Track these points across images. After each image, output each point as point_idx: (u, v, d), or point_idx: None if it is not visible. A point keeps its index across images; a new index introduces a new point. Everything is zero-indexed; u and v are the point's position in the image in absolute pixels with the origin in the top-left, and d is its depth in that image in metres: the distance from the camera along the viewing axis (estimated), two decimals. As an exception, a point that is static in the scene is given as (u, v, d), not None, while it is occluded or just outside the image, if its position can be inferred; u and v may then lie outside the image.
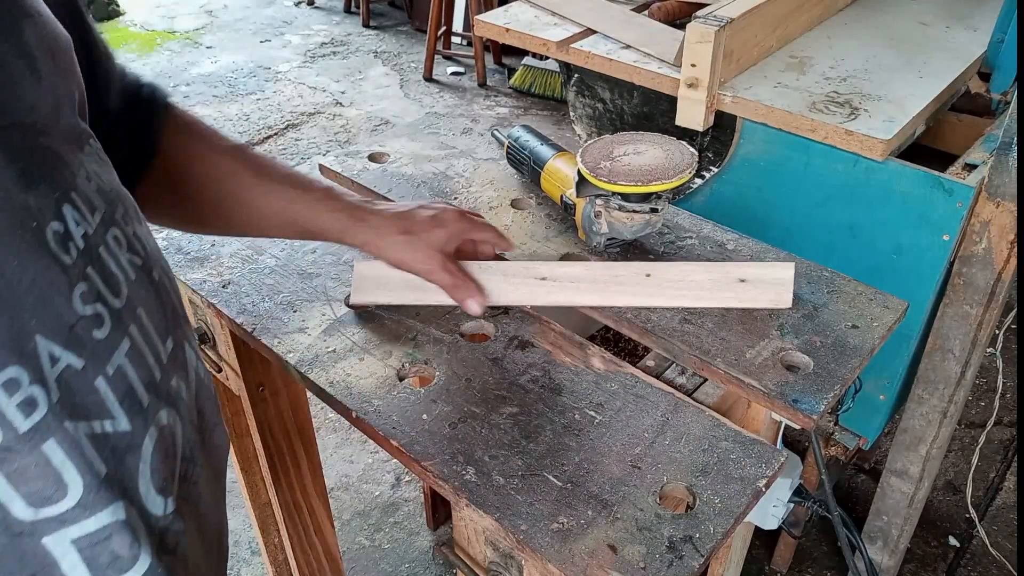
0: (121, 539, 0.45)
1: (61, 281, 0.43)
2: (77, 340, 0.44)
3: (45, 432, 0.41)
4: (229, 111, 3.77)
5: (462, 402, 0.80)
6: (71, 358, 0.43)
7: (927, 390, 1.31)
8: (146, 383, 0.48)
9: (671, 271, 0.92)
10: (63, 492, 0.42)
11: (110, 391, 0.45)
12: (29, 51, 0.45)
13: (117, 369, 0.46)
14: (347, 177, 1.18)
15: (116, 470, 0.45)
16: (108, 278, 0.47)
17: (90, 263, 0.46)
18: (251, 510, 1.35)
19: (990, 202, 1.11)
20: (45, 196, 0.44)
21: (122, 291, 0.48)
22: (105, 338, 0.46)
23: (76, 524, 0.43)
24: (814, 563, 1.77)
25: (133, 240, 0.51)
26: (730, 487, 0.71)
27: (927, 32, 1.40)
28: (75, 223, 0.45)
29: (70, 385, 0.43)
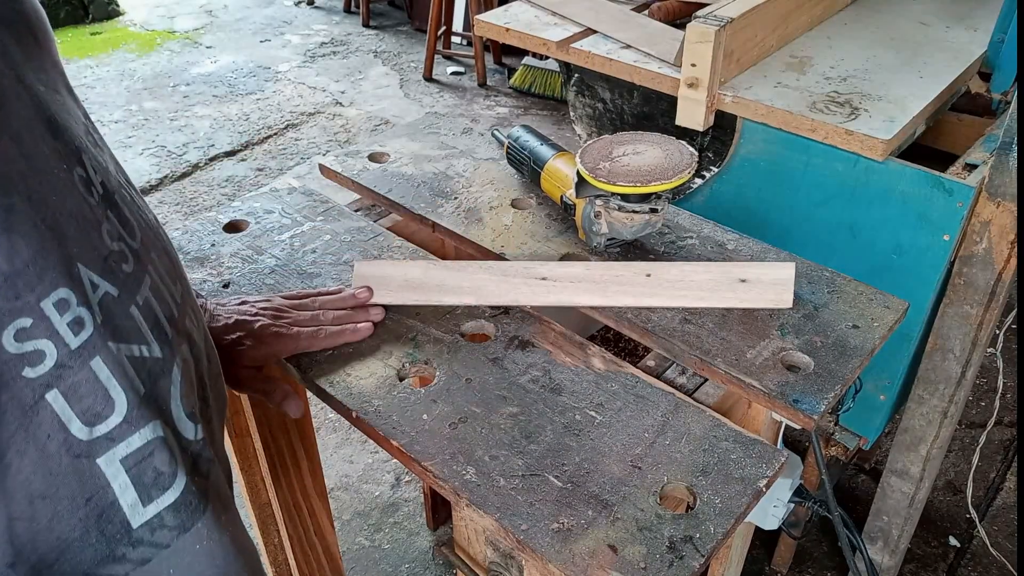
0: (161, 456, 0.48)
1: (92, 217, 0.47)
2: (111, 271, 0.48)
3: (92, 350, 0.45)
4: (229, 111, 3.77)
5: (462, 402, 0.80)
6: (108, 286, 0.47)
7: (927, 390, 1.31)
8: (168, 317, 0.52)
9: (671, 271, 0.92)
10: (111, 408, 0.46)
11: (142, 319, 0.49)
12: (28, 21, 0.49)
13: (145, 301, 0.50)
14: (347, 177, 1.18)
15: (153, 391, 0.49)
16: (125, 223, 0.51)
17: (109, 207, 0.50)
18: (251, 510, 1.35)
19: (990, 202, 1.11)
20: (68, 144, 0.48)
21: (137, 235, 0.52)
22: (131, 272, 0.50)
23: (124, 441, 0.46)
24: (814, 563, 1.77)
25: (136, 196, 0.55)
26: (730, 487, 0.71)
27: (927, 32, 1.40)
28: (93, 171, 0.50)
29: (110, 309, 0.47)
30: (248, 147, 3.48)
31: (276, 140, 3.54)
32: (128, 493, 0.47)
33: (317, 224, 1.09)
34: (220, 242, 1.05)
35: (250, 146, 3.49)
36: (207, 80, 4.10)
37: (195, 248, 1.04)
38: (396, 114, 3.74)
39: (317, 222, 1.09)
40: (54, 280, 0.43)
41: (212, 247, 1.04)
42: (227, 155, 3.42)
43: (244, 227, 1.08)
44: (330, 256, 1.02)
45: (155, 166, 3.32)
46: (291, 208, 1.12)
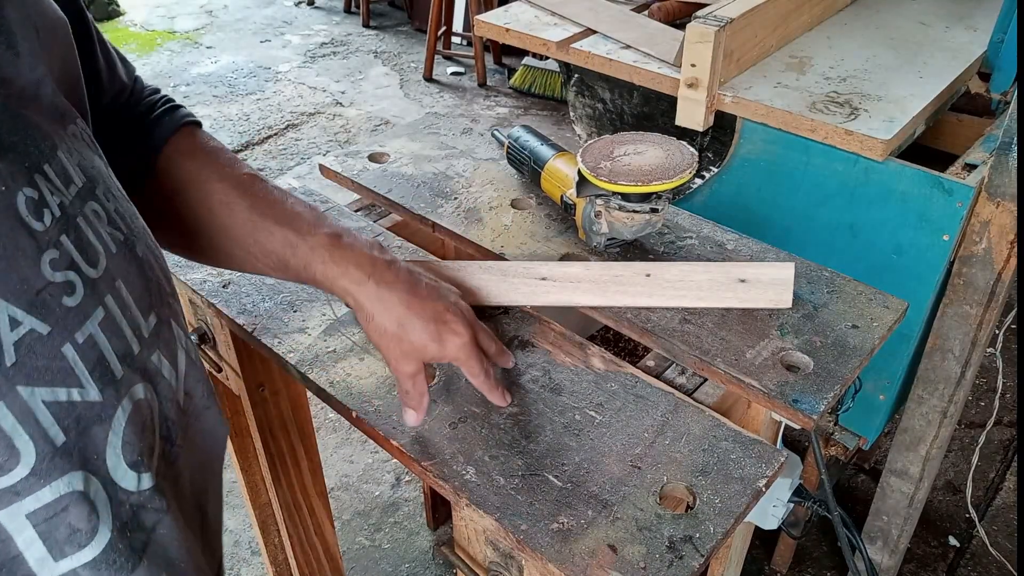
0: (79, 511, 0.44)
1: (28, 246, 0.43)
2: (43, 305, 0.43)
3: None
4: (229, 111, 3.77)
5: (462, 402, 0.80)
6: (34, 322, 0.43)
7: (927, 390, 1.31)
8: (121, 355, 0.48)
9: (671, 271, 0.92)
10: (15, 460, 0.42)
11: (79, 359, 0.45)
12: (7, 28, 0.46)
13: (88, 338, 0.46)
14: (347, 177, 1.18)
15: (78, 439, 0.44)
16: (85, 248, 0.47)
17: (65, 232, 0.46)
18: (251, 510, 1.35)
19: (990, 202, 1.11)
20: (15, 163, 0.44)
21: (100, 262, 0.48)
22: (76, 306, 0.45)
23: (31, 495, 0.42)
24: (814, 563, 1.77)
25: (115, 216, 0.51)
26: (730, 487, 0.71)
27: (927, 32, 1.40)
28: (49, 192, 0.45)
29: (32, 350, 0.42)
30: (248, 147, 3.48)
31: (276, 140, 3.54)
32: (35, 547, 0.43)
33: (317, 224, 1.09)
34: (220, 242, 1.05)
35: (250, 146, 3.49)
36: (207, 80, 4.10)
37: (195, 248, 1.04)
38: (396, 114, 3.74)
39: (317, 222, 1.09)
40: None
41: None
42: (227, 155, 3.42)
43: (244, 227, 1.08)
44: (330, 256, 1.02)
45: (155, 166, 3.32)
46: (291, 208, 1.12)
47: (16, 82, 0.46)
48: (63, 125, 0.49)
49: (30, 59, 0.47)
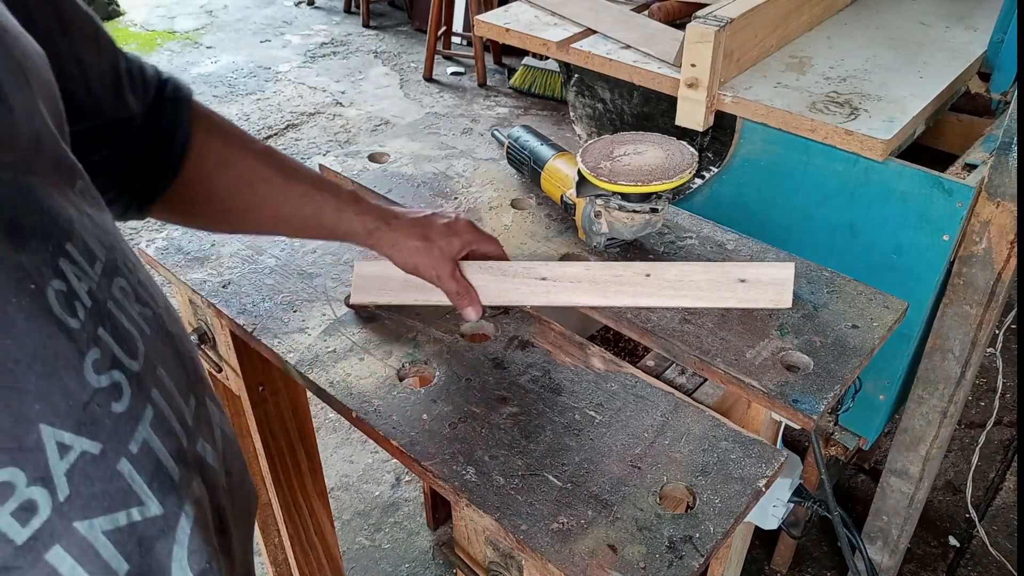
0: None
1: (69, 351, 0.37)
2: (92, 420, 0.37)
3: (48, 539, 0.35)
4: (229, 111, 3.77)
5: (462, 402, 0.80)
6: (85, 444, 0.37)
7: (927, 390, 1.31)
8: (175, 453, 0.42)
9: (671, 271, 0.92)
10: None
11: (136, 472, 0.39)
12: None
13: (142, 445, 0.40)
14: (347, 177, 1.18)
15: (141, 564, 0.39)
16: (122, 338, 0.41)
17: (100, 323, 0.39)
18: (251, 510, 1.35)
19: (990, 202, 1.11)
20: (38, 252, 0.37)
21: (139, 350, 0.42)
22: (126, 411, 0.39)
23: None
24: (814, 563, 1.77)
25: (139, 288, 0.45)
26: (730, 487, 0.71)
27: (927, 32, 1.40)
28: (76, 278, 0.39)
29: (86, 475, 0.36)
30: (248, 147, 3.48)
31: (276, 140, 3.54)
32: None
33: (317, 224, 1.09)
34: (220, 242, 1.05)
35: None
36: (207, 80, 4.10)
37: (195, 248, 1.04)
38: (396, 114, 3.74)
39: (317, 222, 1.09)
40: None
41: (212, 247, 1.04)
42: (227, 155, 3.42)
43: (244, 227, 1.08)
44: (330, 256, 1.02)
45: (155, 166, 3.32)
46: (291, 208, 1.12)
47: (17, 143, 0.38)
48: (71, 185, 0.42)
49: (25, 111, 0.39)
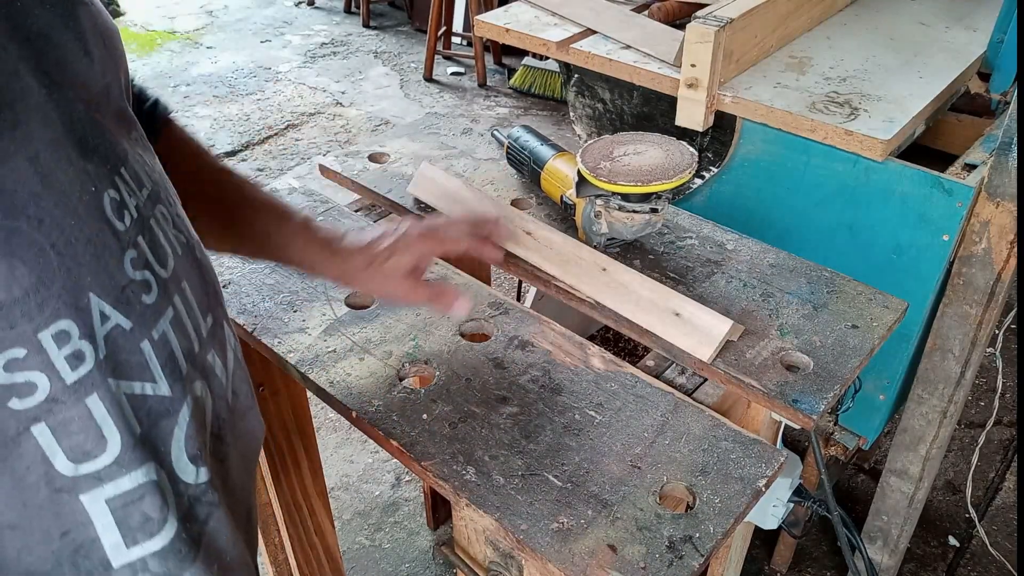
0: (152, 500, 0.46)
1: (114, 245, 0.45)
2: (127, 302, 0.46)
3: (90, 386, 0.43)
4: (229, 111, 3.77)
5: (462, 402, 0.80)
6: (120, 318, 0.45)
7: (927, 390, 1.31)
8: (186, 352, 0.50)
9: (624, 276, 0.92)
10: (102, 447, 0.44)
11: (154, 355, 0.47)
12: (83, 35, 0.48)
13: (162, 335, 0.48)
14: (347, 177, 1.18)
15: (151, 432, 0.47)
16: (157, 249, 0.49)
17: (141, 233, 0.48)
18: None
19: (990, 202, 1.11)
20: (101, 165, 0.46)
21: (169, 263, 0.50)
22: (152, 304, 0.47)
23: (112, 482, 0.44)
24: (814, 563, 1.77)
25: (176, 219, 0.53)
26: (730, 487, 0.71)
27: (927, 32, 1.40)
28: (128, 194, 0.48)
29: (117, 343, 0.45)
30: (248, 147, 3.48)
31: (276, 140, 3.54)
32: (111, 533, 0.45)
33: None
34: (220, 242, 1.05)
35: (250, 146, 3.49)
36: (207, 80, 4.10)
37: (195, 248, 1.04)
38: (396, 114, 3.74)
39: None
40: (56, 310, 0.42)
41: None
42: (228, 155, 3.42)
43: (244, 227, 1.08)
44: (330, 256, 1.02)
45: (155, 166, 3.32)
46: (291, 208, 1.12)
47: (92, 87, 0.48)
48: (128, 131, 0.51)
49: (100, 65, 0.49)
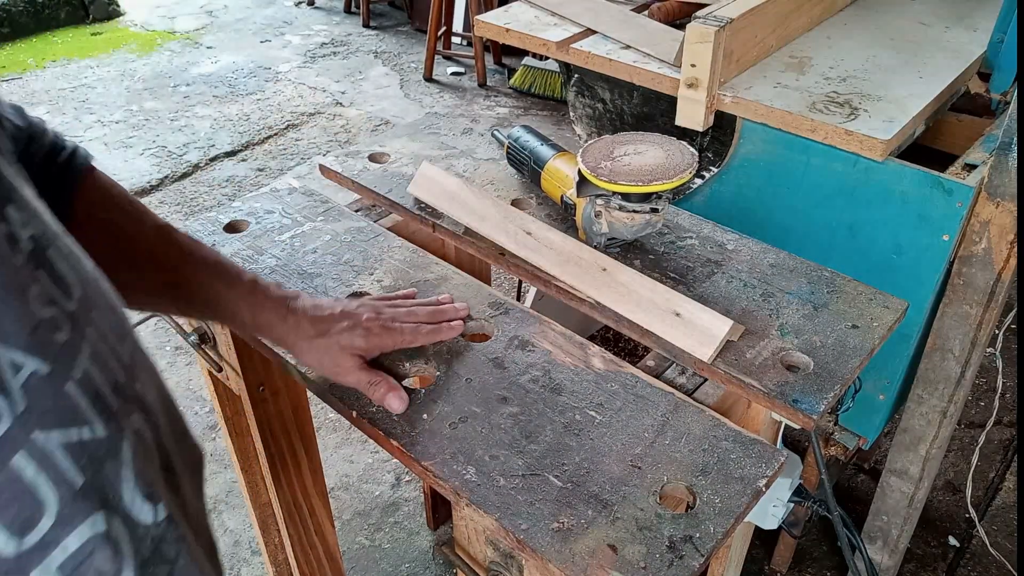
0: (103, 554, 0.43)
1: (15, 281, 0.41)
2: (40, 344, 0.41)
3: (12, 445, 0.39)
4: (229, 111, 3.77)
5: (462, 402, 0.80)
6: (36, 363, 0.41)
7: (927, 390, 1.31)
8: (113, 386, 0.46)
9: (624, 275, 0.92)
10: (41, 510, 0.40)
11: (81, 395, 0.43)
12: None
13: (84, 373, 0.44)
14: (347, 177, 1.18)
15: (95, 478, 0.43)
16: (58, 280, 0.45)
17: (40, 264, 0.44)
18: (251, 510, 1.35)
19: (990, 202, 1.11)
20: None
21: (73, 293, 0.46)
22: (67, 340, 0.43)
23: (59, 546, 0.41)
24: (814, 563, 1.77)
25: (74, 248, 0.49)
26: (730, 487, 0.71)
27: (927, 32, 1.40)
28: (20, 224, 0.44)
29: (39, 391, 0.40)
30: (248, 147, 3.49)
31: (276, 140, 3.54)
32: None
33: (317, 224, 1.09)
34: (220, 242, 1.05)
35: (250, 146, 3.49)
36: (207, 80, 4.10)
37: (195, 248, 1.04)
38: (396, 114, 3.74)
39: (317, 222, 1.09)
40: None
41: (212, 247, 1.04)
42: (227, 155, 3.42)
43: (244, 227, 1.08)
44: (330, 256, 1.02)
45: (155, 166, 3.32)
46: (291, 208, 1.12)
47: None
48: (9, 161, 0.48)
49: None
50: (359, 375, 0.80)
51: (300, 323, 0.80)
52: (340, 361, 0.80)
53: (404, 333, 0.84)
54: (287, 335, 0.80)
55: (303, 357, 0.82)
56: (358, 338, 0.80)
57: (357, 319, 0.82)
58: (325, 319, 0.81)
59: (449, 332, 0.87)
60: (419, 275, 0.99)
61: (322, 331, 0.80)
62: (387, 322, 0.83)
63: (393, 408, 0.80)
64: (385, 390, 0.80)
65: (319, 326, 0.80)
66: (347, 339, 0.80)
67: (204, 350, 1.09)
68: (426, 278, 0.98)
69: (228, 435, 1.25)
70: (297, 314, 0.80)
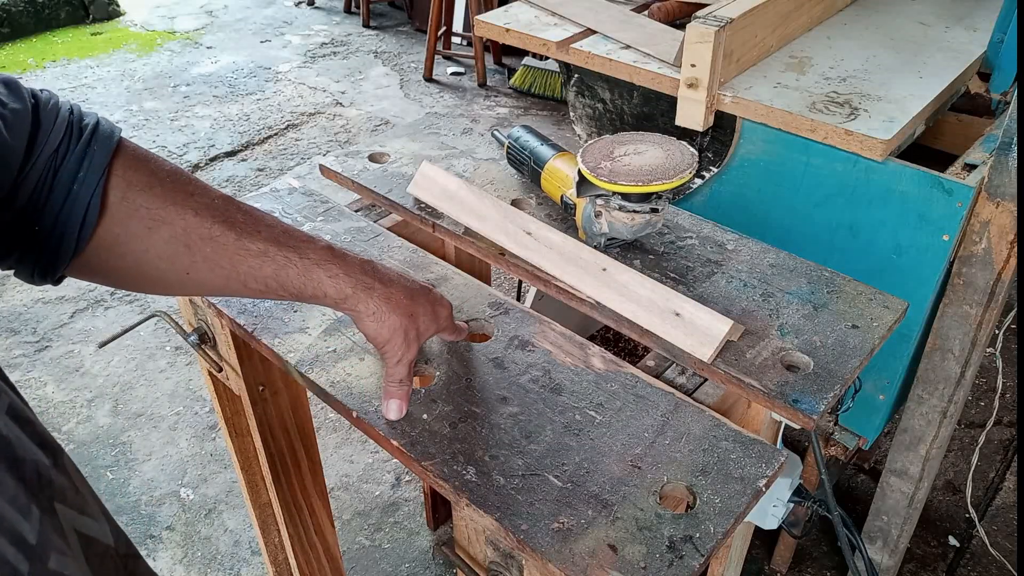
0: None
1: None
2: None
3: None
4: (229, 111, 3.77)
5: (462, 402, 0.80)
6: None
7: (927, 390, 1.31)
8: None
9: (624, 275, 0.92)
10: None
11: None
12: None
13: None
14: (347, 177, 1.18)
15: None
16: None
17: None
18: (251, 510, 1.35)
19: (990, 202, 1.11)
20: None
21: None
22: None
23: None
24: (814, 563, 1.77)
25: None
26: (730, 487, 0.71)
27: (927, 32, 1.40)
28: None
29: None
30: (248, 147, 3.48)
31: (276, 140, 3.54)
32: None
33: (317, 224, 1.09)
34: (220, 242, 1.05)
35: (250, 146, 3.49)
36: (207, 80, 4.10)
37: (195, 248, 1.04)
38: (396, 114, 3.74)
39: (317, 222, 1.09)
40: None
41: None
42: (227, 155, 3.42)
43: (244, 227, 1.08)
44: (330, 256, 1.02)
45: (155, 166, 3.32)
46: (291, 208, 1.12)
47: None
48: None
49: None
50: (404, 369, 0.77)
51: (391, 298, 0.73)
52: (409, 349, 0.76)
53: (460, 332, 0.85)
54: (372, 309, 0.73)
55: (379, 333, 0.74)
56: (433, 328, 0.78)
57: (439, 307, 0.79)
58: (416, 298, 0.76)
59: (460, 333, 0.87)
60: (419, 275, 0.99)
61: (411, 312, 0.75)
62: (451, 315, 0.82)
63: (390, 413, 0.78)
64: (403, 395, 0.78)
65: (409, 305, 0.75)
66: (425, 327, 0.77)
67: (204, 350, 1.09)
68: (426, 278, 0.98)
69: (228, 435, 1.25)
70: (389, 286, 0.74)
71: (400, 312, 0.74)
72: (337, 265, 0.71)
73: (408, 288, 0.76)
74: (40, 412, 2.16)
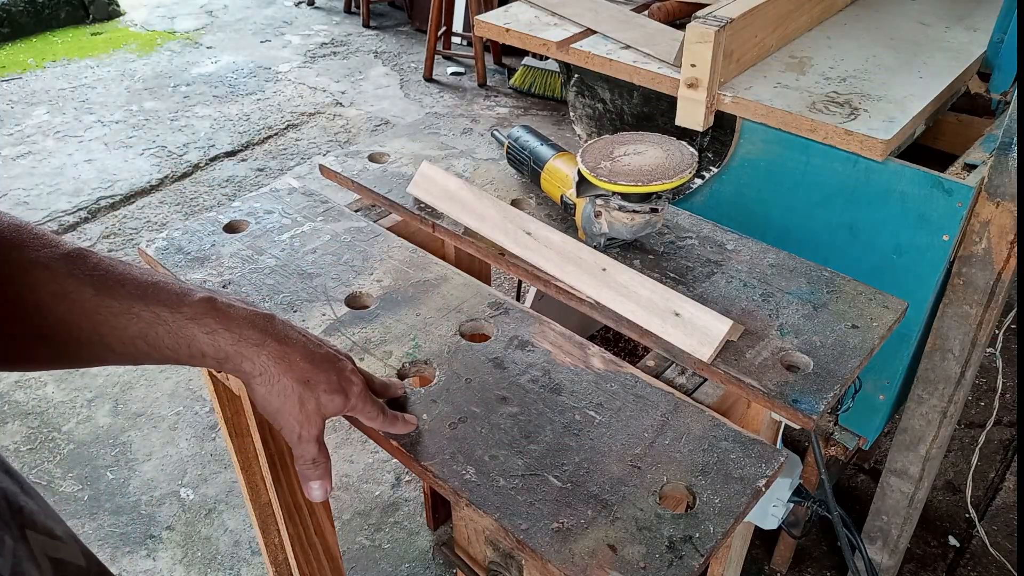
0: None
1: None
2: None
3: None
4: (229, 111, 3.77)
5: (462, 402, 0.80)
6: None
7: (927, 390, 1.31)
8: None
9: (624, 275, 0.92)
10: None
11: None
12: None
13: None
14: (347, 177, 1.18)
15: None
16: None
17: None
18: (251, 510, 1.35)
19: (990, 202, 1.11)
20: None
21: None
22: None
23: None
24: (814, 563, 1.77)
25: None
26: (730, 487, 0.71)
27: (927, 32, 1.40)
28: None
29: None
30: (248, 147, 3.48)
31: (276, 140, 3.54)
32: None
33: (317, 224, 1.09)
34: (220, 242, 1.05)
35: (250, 146, 3.49)
36: (207, 80, 4.10)
37: (195, 248, 1.04)
38: (396, 114, 3.74)
39: (317, 222, 1.09)
40: None
41: (212, 247, 1.04)
42: (227, 155, 3.42)
43: (244, 227, 1.08)
44: (330, 256, 1.02)
45: (155, 166, 3.32)
46: (291, 208, 1.12)
47: None
48: None
49: None
50: (312, 447, 0.68)
51: (284, 359, 0.64)
52: (310, 421, 0.67)
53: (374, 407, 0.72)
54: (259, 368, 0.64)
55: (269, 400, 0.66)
56: (339, 401, 0.68)
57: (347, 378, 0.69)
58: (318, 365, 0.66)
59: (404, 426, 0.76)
60: (419, 275, 0.99)
61: (307, 379, 0.66)
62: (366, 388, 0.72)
63: (313, 496, 0.70)
64: (320, 474, 0.70)
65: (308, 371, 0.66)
66: (328, 399, 0.67)
67: (204, 350, 1.09)
68: (426, 278, 0.98)
69: (228, 435, 1.25)
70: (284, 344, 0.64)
71: (292, 376, 0.64)
72: (216, 320, 0.61)
73: (310, 351, 0.66)
74: (40, 412, 2.16)
